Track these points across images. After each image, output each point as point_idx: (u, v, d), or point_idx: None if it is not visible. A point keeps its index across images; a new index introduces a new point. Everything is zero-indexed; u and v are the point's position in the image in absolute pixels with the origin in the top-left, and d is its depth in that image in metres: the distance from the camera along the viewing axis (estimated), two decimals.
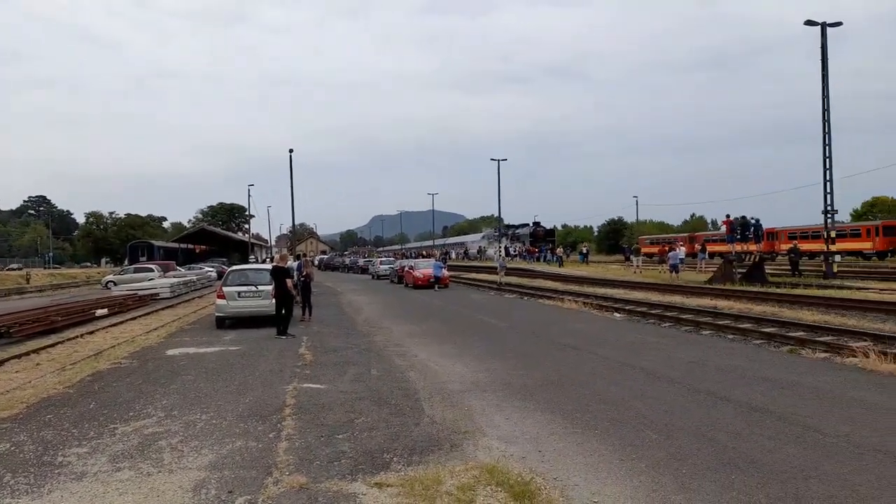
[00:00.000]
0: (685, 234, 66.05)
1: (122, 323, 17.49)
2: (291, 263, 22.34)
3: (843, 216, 66.89)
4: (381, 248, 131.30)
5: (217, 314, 15.61)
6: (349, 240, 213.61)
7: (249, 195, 65.34)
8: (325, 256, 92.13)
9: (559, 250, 48.15)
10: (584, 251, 50.10)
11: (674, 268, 28.45)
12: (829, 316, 13.90)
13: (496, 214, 69.06)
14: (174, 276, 33.35)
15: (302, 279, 17.33)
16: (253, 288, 15.47)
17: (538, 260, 51.01)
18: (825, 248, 25.94)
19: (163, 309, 21.99)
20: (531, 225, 63.83)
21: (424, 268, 31.05)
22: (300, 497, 4.43)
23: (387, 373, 9.07)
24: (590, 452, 5.33)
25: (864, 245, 45.43)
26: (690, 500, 4.27)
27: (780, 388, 7.44)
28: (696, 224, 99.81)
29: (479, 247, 74.80)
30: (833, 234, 25.92)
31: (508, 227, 70.31)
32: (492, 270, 43.08)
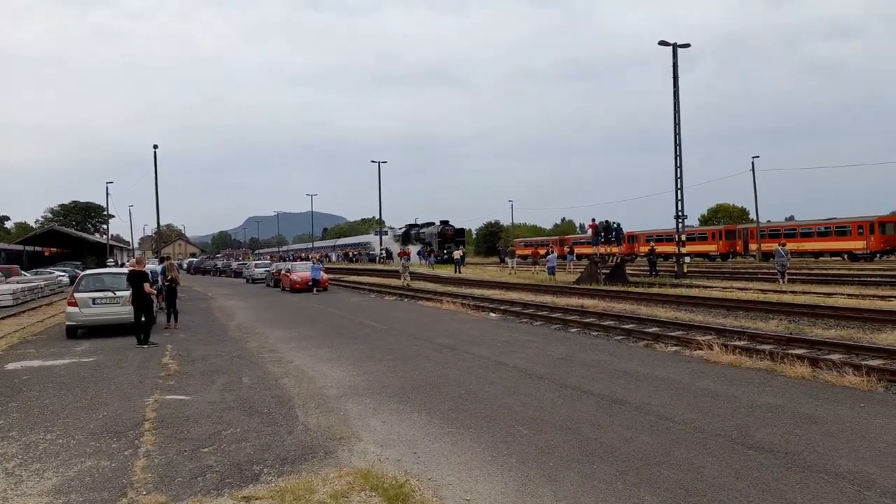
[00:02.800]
0: (556, 237, 69.58)
1: None
2: (154, 266, 20.92)
3: (693, 221, 73.69)
4: (258, 251, 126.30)
5: (68, 323, 14.21)
6: (222, 242, 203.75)
7: (108, 193, 60.51)
8: (196, 259, 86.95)
9: (457, 252, 43.50)
10: (461, 254, 51.09)
11: (551, 270, 29.89)
12: (679, 312, 15.20)
13: (377, 217, 68.36)
14: (18, 282, 29.94)
15: (167, 284, 16.26)
16: (110, 294, 14.26)
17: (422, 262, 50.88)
18: (677, 250, 28.40)
19: (3, 318, 19.68)
20: (438, 224, 58.07)
21: (302, 271, 30.26)
22: None
23: (260, 380, 8.72)
24: (464, 451, 5.43)
25: (710, 247, 50.34)
26: (556, 492, 4.47)
27: (637, 381, 8.01)
28: (566, 227, 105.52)
29: (361, 250, 73.60)
30: (683, 237, 28.44)
31: (411, 226, 64.73)
32: (374, 273, 42.85)
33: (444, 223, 57.49)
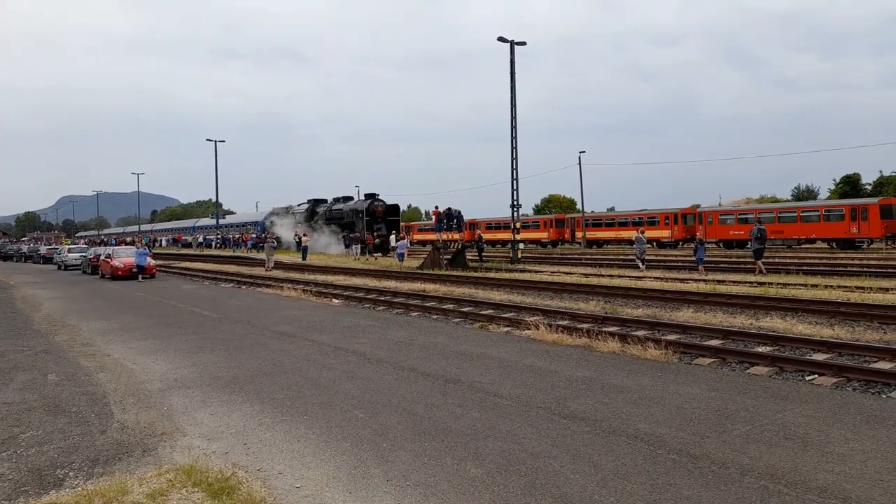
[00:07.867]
0: (403, 223, 70.39)
1: None
2: None
3: (527, 210, 78.40)
4: (79, 234, 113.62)
5: None
6: (28, 223, 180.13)
7: None
8: None
9: (305, 238, 37.81)
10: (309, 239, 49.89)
11: (400, 256, 30.25)
12: (513, 295, 16.13)
13: (213, 199, 64.15)
14: None
15: None
16: None
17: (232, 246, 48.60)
18: (512, 237, 30.04)
19: None
20: (362, 199, 45.20)
21: (125, 256, 27.69)
22: None
23: (69, 377, 7.88)
24: (297, 439, 5.34)
25: (542, 235, 53.85)
26: (387, 472, 4.56)
27: (471, 360, 8.39)
28: (412, 214, 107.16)
29: (204, 234, 68.71)
30: (518, 225, 30.12)
31: (317, 202, 49.91)
32: (209, 259, 40.40)
33: (372, 196, 43.96)
